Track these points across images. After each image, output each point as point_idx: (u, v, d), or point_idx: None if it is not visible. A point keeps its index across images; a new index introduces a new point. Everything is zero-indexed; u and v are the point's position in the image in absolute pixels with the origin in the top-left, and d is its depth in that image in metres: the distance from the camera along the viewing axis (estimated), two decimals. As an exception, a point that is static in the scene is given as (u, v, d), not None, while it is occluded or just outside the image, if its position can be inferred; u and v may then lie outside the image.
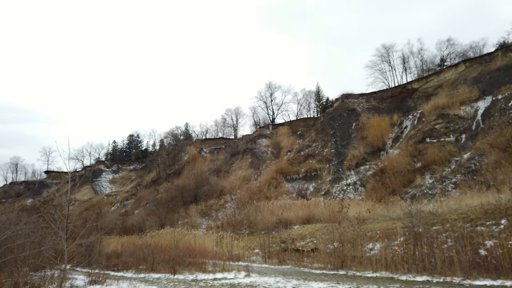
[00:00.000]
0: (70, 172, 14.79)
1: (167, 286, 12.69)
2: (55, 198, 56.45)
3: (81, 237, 14.60)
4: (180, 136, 73.38)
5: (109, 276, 16.32)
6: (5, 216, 18.87)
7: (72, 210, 50.94)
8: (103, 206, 55.81)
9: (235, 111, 72.23)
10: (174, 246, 20.92)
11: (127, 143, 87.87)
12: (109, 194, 67.00)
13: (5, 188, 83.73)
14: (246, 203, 36.69)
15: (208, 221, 37.54)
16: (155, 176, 63.38)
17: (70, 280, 14.70)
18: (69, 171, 16.15)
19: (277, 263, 18.92)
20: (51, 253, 15.48)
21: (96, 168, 79.21)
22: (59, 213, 16.33)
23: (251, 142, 55.57)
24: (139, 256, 21.23)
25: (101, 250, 26.23)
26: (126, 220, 44.95)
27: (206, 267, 16.87)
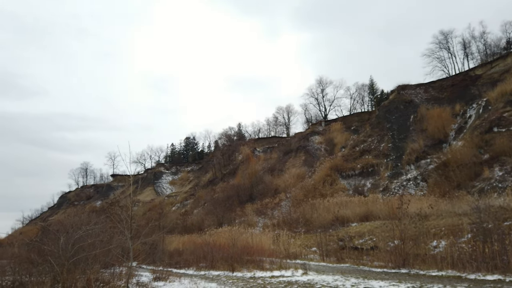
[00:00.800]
0: (132, 175, 15.71)
1: (226, 283, 12.99)
2: (121, 199, 60.12)
3: (144, 236, 15.45)
4: (233, 136, 74.71)
5: (172, 273, 17.06)
6: (77, 217, 20.43)
7: (136, 210, 53.97)
8: (164, 207, 58.48)
9: (286, 109, 72.01)
10: (232, 245, 21.37)
11: (184, 146, 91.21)
12: (170, 195, 70.00)
13: (77, 192, 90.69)
14: (301, 201, 36.50)
15: (264, 219, 37.85)
16: (212, 176, 65.11)
17: (136, 277, 15.54)
18: (132, 174, 17.13)
19: (335, 261, 18.61)
20: (119, 251, 16.54)
21: (157, 170, 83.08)
22: (125, 213, 17.40)
23: (303, 140, 55.13)
24: (199, 254, 21.96)
25: (164, 248, 27.52)
26: (186, 219, 46.70)
27: (264, 265, 17.03)
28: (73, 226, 15.91)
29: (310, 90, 66.07)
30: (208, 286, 12.25)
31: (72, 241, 14.28)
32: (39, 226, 52.35)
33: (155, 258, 24.10)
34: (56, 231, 16.10)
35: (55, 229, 18.68)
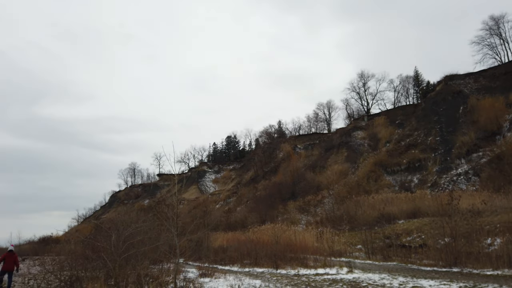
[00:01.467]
0: (177, 174, 16.20)
1: (270, 280, 13.06)
2: (167, 198, 62.12)
3: (190, 233, 15.87)
4: (274, 134, 74.70)
5: (217, 270, 17.41)
6: (127, 215, 21.36)
7: (182, 208, 55.54)
8: (208, 205, 59.66)
9: (327, 105, 70.83)
10: (276, 242, 21.44)
11: (225, 144, 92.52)
12: (213, 193, 71.34)
13: (126, 191, 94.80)
14: (344, 198, 35.86)
15: (307, 216, 37.58)
16: (253, 174, 65.58)
17: (183, 273, 16.02)
18: (176, 173, 17.65)
19: (382, 259, 18.13)
20: (166, 248, 17.10)
21: (200, 169, 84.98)
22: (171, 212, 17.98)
23: (345, 135, 54.05)
24: (243, 251, 22.22)
25: (209, 245, 28.12)
26: (230, 217, 47.38)
27: (308, 262, 16.94)
28: (123, 224, 16.65)
29: (351, 85, 64.48)
30: (252, 283, 12.38)
31: (123, 238, 14.97)
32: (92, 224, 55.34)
33: (200, 255, 24.71)
34: (108, 229, 16.95)
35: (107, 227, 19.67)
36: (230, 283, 12.44)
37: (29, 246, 51.16)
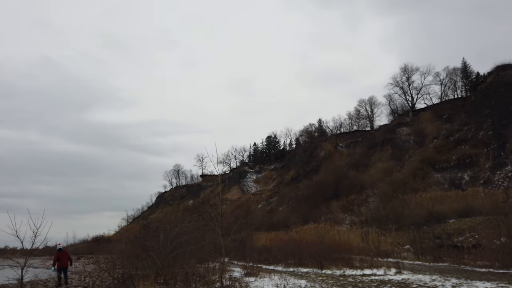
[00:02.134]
0: (220, 175, 16.53)
1: (315, 281, 12.96)
2: (211, 198, 63.33)
3: (234, 233, 16.09)
4: (314, 133, 73.87)
5: (262, 269, 17.52)
6: (173, 216, 22.02)
7: (225, 209, 56.39)
8: (250, 205, 60.18)
9: (368, 101, 68.88)
10: (320, 242, 21.25)
11: (265, 144, 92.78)
12: (255, 193, 71.81)
13: (171, 192, 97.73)
14: (390, 196, 34.80)
15: (351, 216, 36.87)
16: (294, 174, 65.27)
17: (229, 272, 16.27)
18: (219, 174, 17.98)
19: (432, 260, 17.43)
20: (211, 248, 17.47)
21: (242, 169, 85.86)
22: (215, 212, 18.32)
23: (389, 132, 52.40)
24: (287, 251, 22.21)
25: (253, 245, 28.37)
26: (272, 216, 47.47)
27: (353, 263, 16.63)
28: (170, 224, 17.20)
29: (394, 79, 62.23)
30: (298, 283, 12.35)
31: (170, 237, 15.47)
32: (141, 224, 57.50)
33: (244, 254, 24.96)
34: (156, 229, 17.59)
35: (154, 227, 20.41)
36: (276, 283, 12.48)
37: (84, 245, 54.16)
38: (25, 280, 14.70)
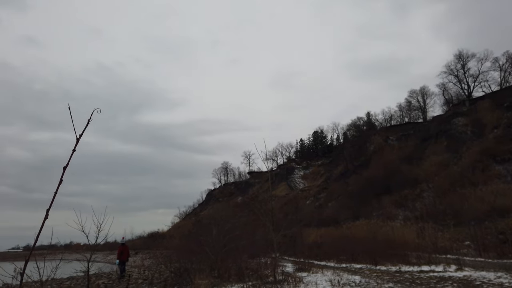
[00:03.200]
0: (268, 171, 16.64)
1: (370, 276, 12.68)
2: (259, 194, 63.87)
3: (284, 228, 16.18)
4: (363, 126, 71.88)
5: (313, 265, 17.45)
6: (224, 212, 22.53)
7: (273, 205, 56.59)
8: (298, 201, 59.90)
9: (420, 91, 65.68)
10: (372, 238, 20.75)
11: (312, 140, 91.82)
12: (303, 189, 71.36)
13: (220, 189, 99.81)
14: (447, 190, 33.09)
15: (405, 211, 35.52)
16: (343, 169, 63.98)
17: (281, 267, 16.35)
18: (267, 171, 18.13)
19: (496, 256, 16.38)
20: (262, 243, 17.71)
21: (289, 166, 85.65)
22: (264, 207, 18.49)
23: (444, 123, 49.72)
24: (338, 247, 21.91)
25: (303, 241, 28.30)
26: (321, 213, 46.94)
27: (409, 259, 16.07)
28: (222, 219, 17.64)
29: (448, 67, 58.80)
30: (352, 279, 12.15)
31: (222, 232, 15.86)
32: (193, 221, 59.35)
33: (295, 250, 24.97)
34: (209, 224, 18.11)
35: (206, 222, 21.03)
36: (329, 278, 12.37)
37: (140, 241, 56.88)
38: (90, 272, 15.76)
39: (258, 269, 15.30)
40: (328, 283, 11.27)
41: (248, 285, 11.38)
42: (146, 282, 14.81)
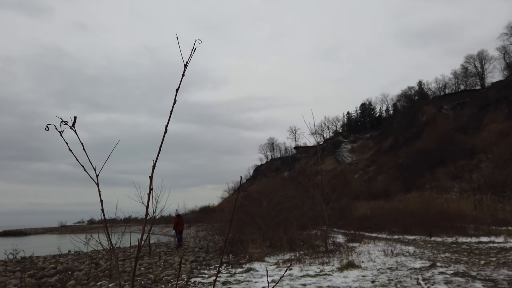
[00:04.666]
0: (314, 145, 16.60)
1: (425, 247, 12.46)
2: (306, 169, 63.90)
3: (333, 201, 16.20)
4: (414, 96, 68.67)
5: (365, 236, 17.39)
6: (272, 184, 22.88)
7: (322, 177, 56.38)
8: (346, 174, 59.23)
9: (478, 56, 61.13)
10: (426, 210, 20.20)
11: (360, 113, 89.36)
12: (351, 163, 70.30)
13: (267, 165, 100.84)
14: (507, 160, 31.13)
15: (460, 183, 34.03)
16: (393, 141, 62.01)
17: (331, 238, 16.49)
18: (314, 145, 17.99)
19: None
20: (311, 215, 17.85)
21: (335, 140, 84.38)
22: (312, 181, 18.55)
23: (505, 89, 46.19)
24: (389, 220, 21.59)
25: (352, 214, 28.11)
26: (370, 186, 46.17)
27: (466, 231, 15.54)
28: (271, 192, 17.98)
29: (509, 28, 54.12)
30: (405, 249, 12.02)
31: (272, 204, 16.20)
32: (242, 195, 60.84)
33: (345, 223, 24.92)
34: (259, 197, 18.54)
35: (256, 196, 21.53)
36: (381, 248, 12.32)
37: (193, 215, 59.34)
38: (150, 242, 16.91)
39: (309, 240, 15.55)
40: (381, 253, 11.24)
41: (300, 254, 11.64)
42: (202, 250, 15.60)
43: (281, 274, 8.61)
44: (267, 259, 11.57)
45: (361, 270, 8.52)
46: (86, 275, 9.37)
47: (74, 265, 11.86)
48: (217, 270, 3.54)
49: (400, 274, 7.88)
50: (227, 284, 7.86)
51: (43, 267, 11.40)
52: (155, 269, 10.51)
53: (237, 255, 13.01)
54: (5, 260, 13.85)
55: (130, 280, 8.48)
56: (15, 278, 9.29)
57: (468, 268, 8.06)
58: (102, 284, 8.30)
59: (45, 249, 18.46)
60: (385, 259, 10.08)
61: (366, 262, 9.68)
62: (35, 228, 75.74)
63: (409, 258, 9.98)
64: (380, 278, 7.55)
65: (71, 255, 16.13)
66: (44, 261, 13.57)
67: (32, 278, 9.26)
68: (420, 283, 6.96)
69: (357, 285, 6.99)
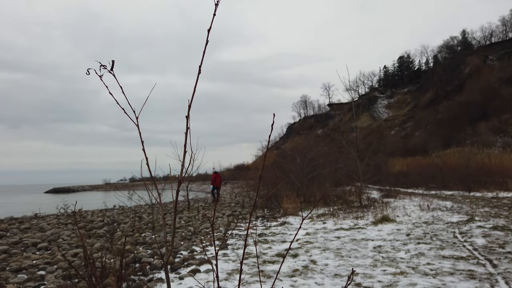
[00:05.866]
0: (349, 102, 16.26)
1: (463, 202, 12.23)
2: (340, 126, 62.98)
3: (368, 157, 16.01)
4: (456, 47, 64.53)
5: (400, 192, 17.25)
6: (306, 141, 22.84)
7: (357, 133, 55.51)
8: (382, 131, 57.89)
9: (531, -1, 55.89)
10: (466, 165, 19.60)
11: (397, 66, 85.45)
12: (387, 119, 68.42)
13: (300, 122, 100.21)
14: (558, 113, 29.21)
15: (504, 138, 32.52)
16: (433, 96, 59.38)
17: (366, 194, 16.49)
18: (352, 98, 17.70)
19: None
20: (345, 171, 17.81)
21: (371, 95, 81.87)
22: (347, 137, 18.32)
23: (561, 35, 42.39)
24: (426, 175, 21.20)
25: (387, 170, 27.76)
26: (407, 142, 45.05)
27: (508, 186, 15.03)
28: (305, 149, 17.99)
29: None
30: (442, 204, 11.86)
31: (306, 161, 16.27)
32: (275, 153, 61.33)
33: (380, 179, 24.74)
34: (293, 153, 18.63)
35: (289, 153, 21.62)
36: (418, 203, 12.22)
37: (228, 173, 60.91)
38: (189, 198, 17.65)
39: (343, 196, 15.64)
40: (417, 208, 11.16)
41: (334, 209, 11.77)
42: (238, 206, 16.14)
43: (315, 227, 8.80)
44: (301, 213, 11.82)
45: (396, 224, 8.54)
46: (131, 227, 10.00)
47: (119, 218, 12.66)
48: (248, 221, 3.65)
49: (436, 228, 7.84)
50: (262, 236, 8.15)
51: (92, 220, 12.26)
52: (194, 222, 11.04)
53: (272, 210, 13.36)
54: (57, 214, 14.99)
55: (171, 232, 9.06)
56: (67, 230, 10.09)
57: (508, 222, 7.89)
58: (146, 235, 8.85)
59: (92, 205, 19.75)
60: (421, 213, 10.01)
61: (401, 216, 9.67)
62: (82, 185, 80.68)
63: (446, 213, 9.86)
64: (415, 232, 7.55)
65: (116, 209, 17.17)
66: (92, 214, 14.56)
67: (83, 229, 10.01)
68: (456, 236, 6.91)
69: (391, 238, 7.05)
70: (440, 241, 6.48)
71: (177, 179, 1.30)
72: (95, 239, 8.28)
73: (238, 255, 6.18)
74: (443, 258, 5.28)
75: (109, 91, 1.12)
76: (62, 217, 13.92)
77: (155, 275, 5.16)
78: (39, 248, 7.67)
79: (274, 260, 5.70)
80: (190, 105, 1.15)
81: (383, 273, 4.67)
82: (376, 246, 6.41)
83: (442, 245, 6.15)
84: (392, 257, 5.54)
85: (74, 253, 6.76)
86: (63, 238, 8.70)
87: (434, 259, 5.25)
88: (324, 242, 7.01)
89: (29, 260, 6.35)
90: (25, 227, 11.05)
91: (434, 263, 5.03)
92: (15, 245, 8.03)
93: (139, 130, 1.19)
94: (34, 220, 13.16)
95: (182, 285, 4.45)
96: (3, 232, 9.82)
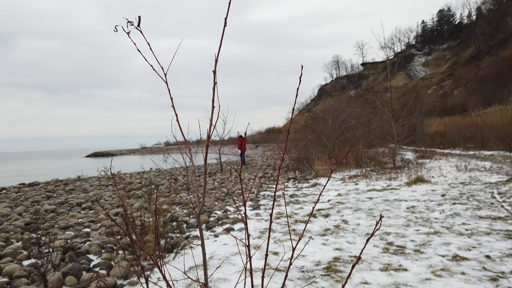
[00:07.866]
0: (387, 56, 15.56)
1: (503, 162, 11.76)
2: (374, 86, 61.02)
3: (403, 118, 15.53)
4: (504, -3, 59.57)
5: (436, 153, 16.79)
6: (338, 103, 22.38)
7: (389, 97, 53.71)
8: (419, 90, 55.59)
9: None
10: (508, 124, 18.66)
11: (437, 21, 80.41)
12: (424, 78, 65.49)
13: (332, 84, 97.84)
14: None
15: (553, 95, 30.46)
16: (474, 51, 55.87)
17: (400, 155, 16.16)
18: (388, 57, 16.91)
19: None
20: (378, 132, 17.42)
21: (407, 53, 78.08)
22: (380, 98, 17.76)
23: None
24: (465, 135, 20.42)
25: (423, 130, 26.92)
26: (445, 101, 43.22)
27: (555, 145, 14.25)
28: (336, 110, 17.66)
29: None
30: (481, 164, 11.47)
31: (338, 122, 16.04)
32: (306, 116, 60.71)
33: (415, 140, 24.08)
34: (324, 115, 18.37)
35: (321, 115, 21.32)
36: (454, 164, 11.87)
37: (259, 136, 61.27)
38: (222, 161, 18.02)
39: (376, 157, 15.41)
40: (453, 168, 10.86)
41: (367, 170, 11.67)
42: (269, 168, 16.33)
43: (347, 188, 8.80)
44: (333, 175, 11.80)
45: (431, 185, 8.38)
46: (168, 188, 10.40)
47: (156, 180, 13.18)
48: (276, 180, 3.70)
49: (473, 189, 7.64)
50: (294, 197, 8.26)
51: (130, 182, 12.84)
52: (227, 184, 11.31)
53: (304, 172, 13.42)
54: (98, 176, 15.78)
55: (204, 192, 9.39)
56: (108, 191, 10.64)
57: (552, 183, 7.55)
58: (181, 196, 9.19)
59: (130, 167, 20.60)
60: (458, 174, 9.75)
61: (437, 177, 9.46)
62: (119, 150, 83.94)
63: (484, 173, 9.55)
64: (451, 192, 7.40)
65: (153, 172, 17.83)
66: (130, 177, 15.22)
67: (122, 190, 10.53)
68: (495, 196, 6.71)
69: (425, 199, 6.95)
70: (477, 202, 6.33)
71: (210, 143, 1.31)
72: (134, 199, 8.71)
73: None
74: (479, 218, 5.18)
75: (137, 48, 1.12)
76: (103, 179, 14.65)
77: (191, 232, 5.42)
78: (83, 208, 8.18)
79: (306, 220, 5.80)
80: (217, 59, 1.15)
81: (416, 233, 4.66)
82: (410, 206, 6.36)
83: (479, 206, 6.01)
84: (425, 217, 5.49)
85: (115, 212, 7.16)
86: (104, 199, 9.22)
87: (469, 219, 5.16)
88: (356, 202, 7.02)
89: (75, 219, 6.81)
90: (69, 189, 11.76)
91: (470, 223, 4.95)
92: (62, 204, 8.60)
93: (168, 86, 1.20)
94: (78, 182, 13.95)
95: (217, 242, 4.64)
96: (50, 193, 10.52)
